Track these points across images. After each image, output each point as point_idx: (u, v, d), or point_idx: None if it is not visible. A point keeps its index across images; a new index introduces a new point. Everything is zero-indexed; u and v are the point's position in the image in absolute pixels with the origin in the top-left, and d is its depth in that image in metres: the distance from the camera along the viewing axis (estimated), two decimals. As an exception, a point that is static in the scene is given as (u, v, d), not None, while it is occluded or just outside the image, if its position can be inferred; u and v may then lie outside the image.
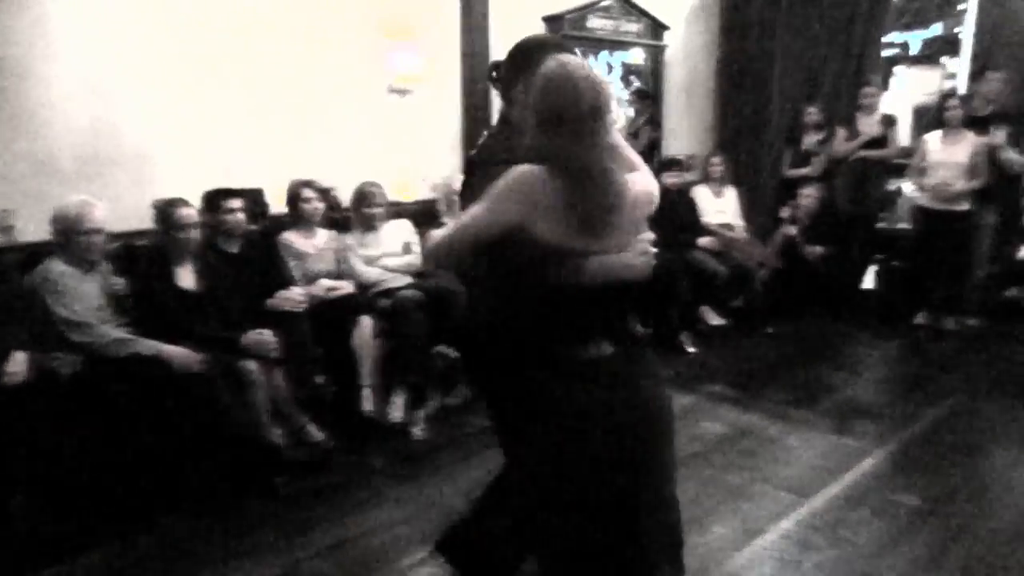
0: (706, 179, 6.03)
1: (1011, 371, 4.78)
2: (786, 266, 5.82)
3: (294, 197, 4.00)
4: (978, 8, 6.04)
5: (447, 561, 2.37)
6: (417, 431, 3.85)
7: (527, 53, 1.97)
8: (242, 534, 2.96)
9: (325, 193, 4.16)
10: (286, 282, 3.75)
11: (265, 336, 3.39)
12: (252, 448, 3.28)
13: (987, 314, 5.71)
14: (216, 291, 3.48)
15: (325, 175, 4.25)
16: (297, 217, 4.01)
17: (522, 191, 1.66)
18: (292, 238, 3.99)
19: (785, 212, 5.96)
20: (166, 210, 3.45)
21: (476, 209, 1.71)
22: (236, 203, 3.69)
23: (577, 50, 5.48)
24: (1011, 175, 5.49)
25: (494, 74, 2.11)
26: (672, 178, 5.47)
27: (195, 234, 3.48)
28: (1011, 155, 5.34)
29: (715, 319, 5.64)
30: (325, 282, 3.94)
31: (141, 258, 3.54)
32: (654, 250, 1.77)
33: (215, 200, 3.68)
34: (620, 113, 6.17)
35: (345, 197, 4.36)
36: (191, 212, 3.48)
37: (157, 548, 2.90)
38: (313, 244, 4.03)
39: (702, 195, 5.90)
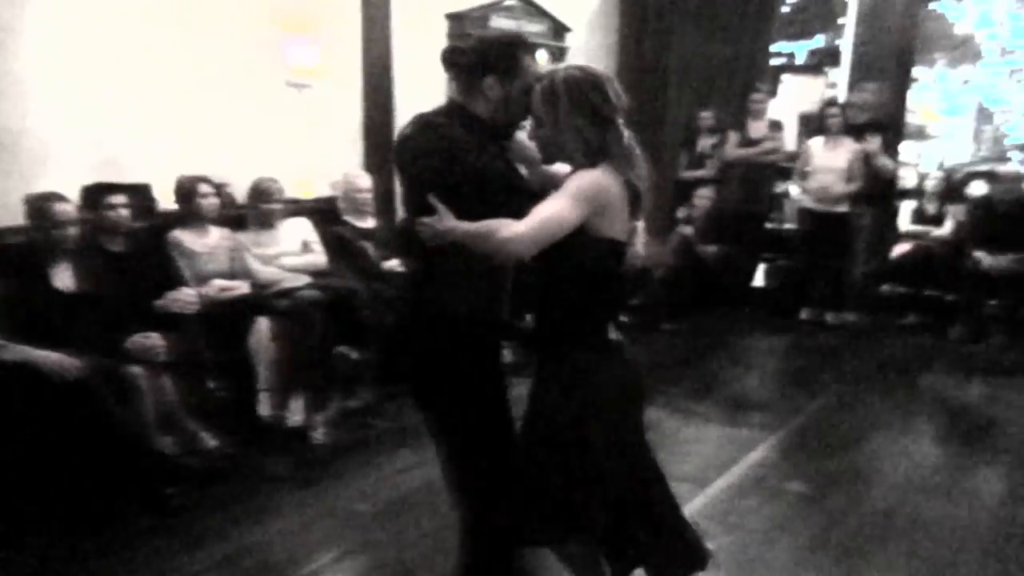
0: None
1: (886, 362, 5.10)
2: (682, 265, 6.00)
3: (188, 193, 3.82)
4: (855, 23, 6.40)
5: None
6: (318, 435, 3.76)
7: (507, 50, 1.98)
8: (131, 550, 2.81)
9: (219, 189, 4.01)
10: (176, 282, 3.59)
11: (152, 339, 3.23)
12: (139, 458, 3.11)
13: (865, 309, 6.06)
14: (98, 292, 3.29)
15: (218, 171, 4.10)
16: (189, 214, 3.84)
17: (595, 194, 1.83)
18: (183, 236, 3.82)
19: (681, 213, 6.15)
20: (40, 205, 3.23)
21: (556, 207, 1.80)
22: (119, 199, 3.49)
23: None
24: (885, 179, 5.85)
25: (450, 58, 2.05)
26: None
27: (73, 231, 3.27)
28: (885, 161, 5.70)
29: (614, 317, 5.75)
30: (219, 282, 3.79)
31: (11, 257, 3.29)
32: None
33: (96, 195, 3.47)
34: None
35: (239, 194, 4.22)
36: (68, 208, 3.27)
37: (37, 570, 2.71)
38: (205, 242, 3.87)
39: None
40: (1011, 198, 5.50)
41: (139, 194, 3.81)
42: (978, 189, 6.14)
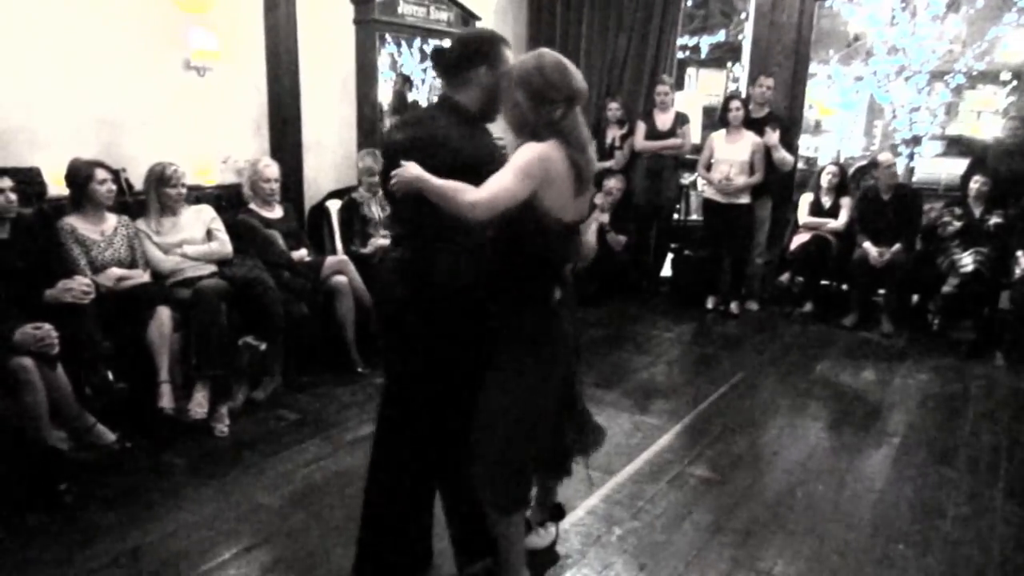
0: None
1: (783, 350, 5.32)
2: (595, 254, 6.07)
3: (85, 178, 3.63)
4: (753, 18, 6.60)
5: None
6: (221, 427, 3.66)
7: (490, 44, 2.25)
8: (20, 549, 2.68)
9: (116, 174, 3.83)
10: (69, 271, 3.42)
11: (44, 330, 3.06)
12: (30, 454, 2.97)
13: (764, 299, 6.31)
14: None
15: (114, 156, 3.92)
16: (84, 200, 3.65)
17: (538, 167, 2.02)
18: (76, 223, 3.63)
19: (599, 199, 6.22)
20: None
21: (505, 180, 1.99)
22: (6, 182, 3.29)
23: (388, 36, 5.43)
24: (783, 172, 6.08)
25: (436, 58, 2.31)
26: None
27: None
28: (783, 154, 5.91)
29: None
30: (115, 271, 3.64)
31: None
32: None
33: (-21, 179, 3.27)
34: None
35: (137, 180, 4.04)
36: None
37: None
38: (102, 230, 3.70)
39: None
40: (891, 184, 5.81)
41: (27, 178, 3.61)
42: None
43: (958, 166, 6.93)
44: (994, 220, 5.46)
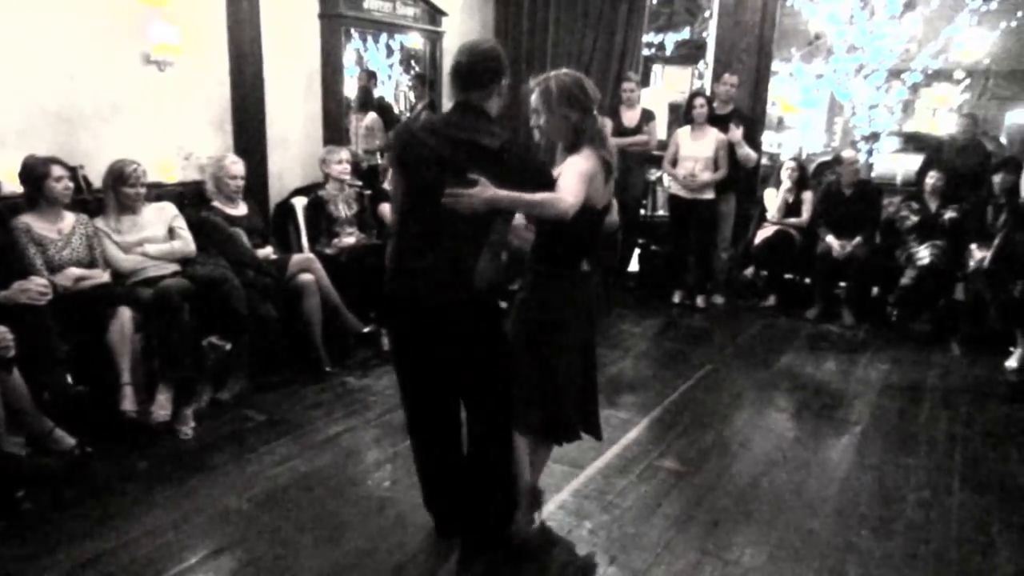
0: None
1: (749, 343, 5.39)
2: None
3: (41, 176, 3.54)
4: (717, 17, 6.66)
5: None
6: (186, 430, 3.60)
7: (504, 59, 2.47)
8: (-25, 559, 2.61)
9: (73, 172, 3.74)
10: (25, 271, 3.34)
11: (-1, 332, 2.99)
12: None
13: (729, 292, 6.38)
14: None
15: (70, 152, 3.83)
16: (40, 198, 3.57)
17: (594, 171, 2.47)
18: (32, 222, 3.54)
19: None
20: None
21: (579, 184, 2.39)
22: (-44, 181, 3.22)
23: (353, 31, 5.37)
24: (747, 168, 6.15)
25: (469, 72, 2.43)
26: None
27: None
28: (747, 151, 5.98)
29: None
30: (74, 271, 3.56)
31: None
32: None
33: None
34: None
35: (96, 177, 3.95)
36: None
37: None
38: (59, 228, 3.61)
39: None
40: (853, 180, 5.94)
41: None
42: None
43: (915, 162, 7.09)
44: (949, 214, 5.60)
